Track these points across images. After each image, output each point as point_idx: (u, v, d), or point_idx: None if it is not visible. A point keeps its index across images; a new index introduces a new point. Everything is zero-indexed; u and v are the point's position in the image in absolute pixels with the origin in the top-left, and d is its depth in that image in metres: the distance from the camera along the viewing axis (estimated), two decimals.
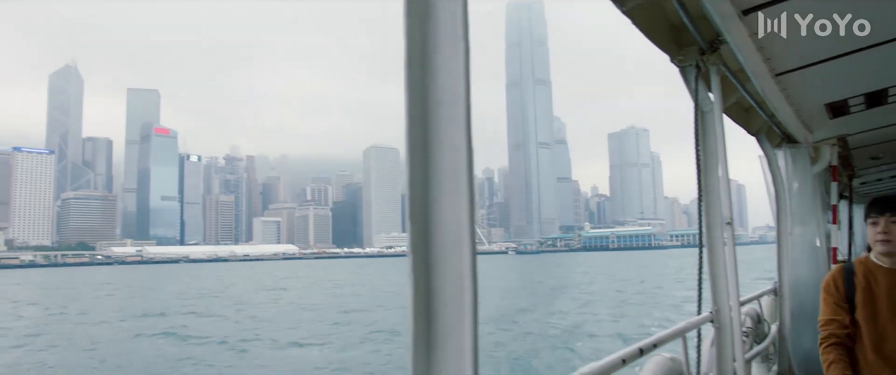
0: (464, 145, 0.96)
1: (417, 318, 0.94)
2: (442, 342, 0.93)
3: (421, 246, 0.95)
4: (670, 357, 2.32)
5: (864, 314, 2.50)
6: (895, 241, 2.43)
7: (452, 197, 0.96)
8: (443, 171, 0.97)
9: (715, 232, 2.67)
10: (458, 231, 0.95)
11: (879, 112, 4.29)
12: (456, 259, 0.94)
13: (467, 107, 0.97)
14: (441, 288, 0.94)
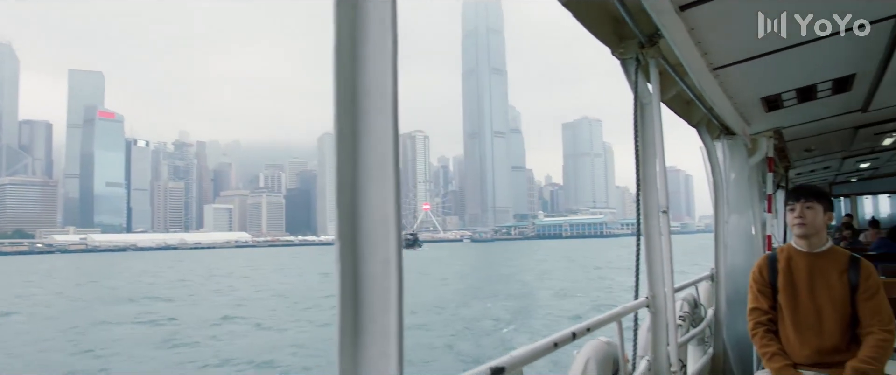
0: (390, 135, 0.98)
1: (344, 303, 0.96)
2: (368, 326, 0.96)
3: (348, 233, 0.97)
4: (606, 341, 2.40)
5: (786, 296, 2.68)
6: (809, 225, 2.62)
7: (379, 185, 0.98)
8: (370, 161, 0.98)
9: (652, 220, 2.76)
10: (384, 218, 0.97)
11: (810, 106, 4.49)
12: (382, 246, 0.96)
13: (394, 98, 0.99)
14: (367, 274, 0.97)
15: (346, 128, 0.98)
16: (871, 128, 6.35)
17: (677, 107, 3.66)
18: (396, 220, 0.97)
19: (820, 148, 7.89)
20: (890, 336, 2.49)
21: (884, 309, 2.53)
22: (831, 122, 5.58)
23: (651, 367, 2.72)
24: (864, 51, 3.45)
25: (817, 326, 2.59)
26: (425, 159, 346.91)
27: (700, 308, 4.01)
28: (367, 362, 0.95)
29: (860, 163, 11.02)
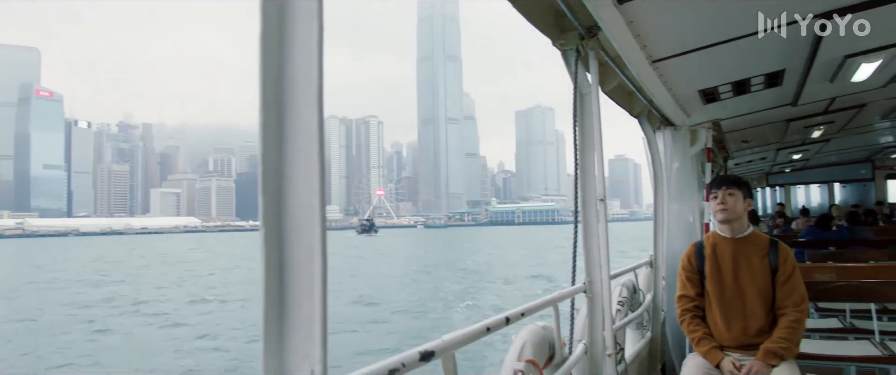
0: (316, 124, 0.98)
1: (269, 289, 0.97)
2: (293, 311, 0.97)
3: (273, 221, 0.98)
4: (543, 325, 2.45)
5: (712, 282, 2.81)
6: (730, 210, 2.77)
7: (304, 174, 0.98)
8: (296, 149, 0.99)
9: (589, 208, 2.82)
10: (309, 206, 0.97)
11: (745, 99, 4.67)
12: (307, 233, 0.97)
13: (320, 88, 0.99)
14: (292, 261, 0.97)
15: (271, 118, 0.98)
16: (801, 121, 6.65)
17: (619, 97, 3.75)
18: (321, 208, 0.98)
19: (756, 139, 8.22)
20: (802, 316, 2.65)
21: (798, 290, 2.68)
22: (765, 115, 5.82)
23: (587, 350, 2.79)
24: (792, 47, 3.61)
25: (742, 309, 2.72)
26: (379, 145, 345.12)
27: (639, 293, 4.13)
28: (292, 346, 0.96)
29: (793, 154, 11.53)
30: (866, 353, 3.33)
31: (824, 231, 7.39)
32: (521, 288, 27.13)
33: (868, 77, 4.40)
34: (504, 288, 27.59)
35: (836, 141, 10.16)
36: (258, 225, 0.99)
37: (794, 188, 19.01)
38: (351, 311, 21.40)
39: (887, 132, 9.97)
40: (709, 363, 2.67)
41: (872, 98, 5.84)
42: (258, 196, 1.00)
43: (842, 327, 4.13)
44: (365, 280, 32.63)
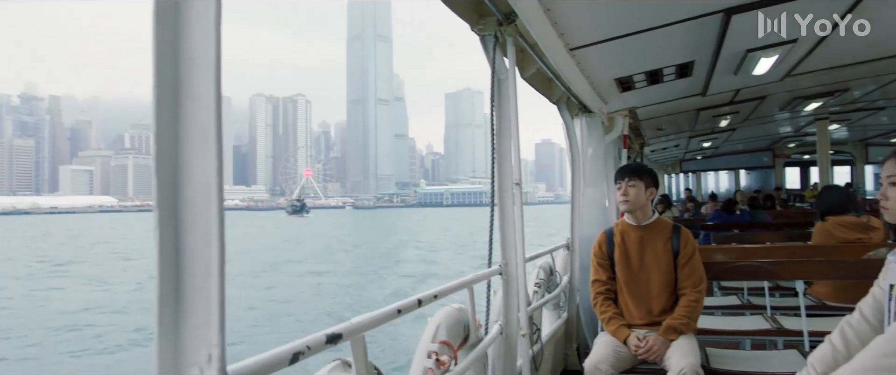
0: (213, 101, 0.95)
1: (164, 273, 0.93)
2: (190, 295, 0.94)
3: (169, 202, 0.94)
4: (458, 307, 2.49)
5: (621, 266, 2.97)
6: (632, 201, 2.92)
7: (201, 153, 0.95)
8: (192, 128, 0.95)
9: (506, 192, 2.87)
10: (206, 187, 0.95)
11: (659, 88, 4.88)
12: (204, 215, 0.94)
13: (217, 64, 0.96)
14: (189, 244, 0.95)
15: (166, 95, 0.94)
16: (710, 110, 7.03)
17: (538, 84, 3.81)
18: (219, 190, 0.95)
19: (670, 127, 8.62)
20: (700, 295, 2.85)
21: (696, 272, 2.88)
22: (677, 104, 6.11)
23: (503, 331, 2.86)
24: (700, 40, 3.80)
25: (647, 291, 2.90)
26: (307, 125, 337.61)
27: (555, 275, 4.26)
28: (188, 330, 0.94)
29: (703, 142, 12.18)
30: (759, 327, 3.58)
31: (729, 214, 7.86)
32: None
33: (767, 71, 4.69)
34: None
35: (742, 130, 10.80)
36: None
37: (704, 174, 20.12)
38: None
39: (785, 122, 10.70)
40: (617, 340, 2.81)
41: (772, 90, 6.23)
42: (152, 177, 0.96)
43: (740, 303, 4.41)
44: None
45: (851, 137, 14.07)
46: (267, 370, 1.15)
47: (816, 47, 4.44)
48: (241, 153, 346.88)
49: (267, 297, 21.31)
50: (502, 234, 2.86)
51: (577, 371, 2.78)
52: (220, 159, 0.95)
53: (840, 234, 4.11)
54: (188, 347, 0.94)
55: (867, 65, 5.48)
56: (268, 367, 1.15)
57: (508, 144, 2.84)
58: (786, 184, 18.15)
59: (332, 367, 1.75)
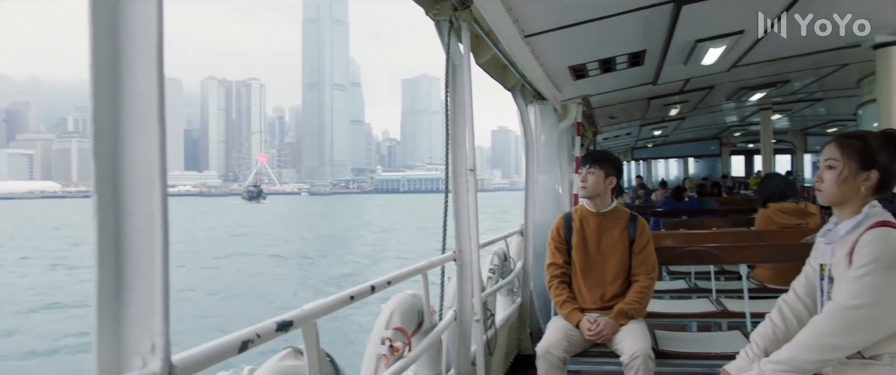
0: (155, 80, 0.91)
1: (103, 259, 0.90)
2: (132, 283, 0.91)
3: (108, 185, 0.90)
4: (411, 293, 2.49)
5: (578, 251, 3.01)
6: (590, 188, 2.97)
7: (143, 134, 0.91)
8: (132, 108, 0.91)
9: (460, 178, 2.87)
10: (148, 170, 0.91)
11: (611, 77, 4.96)
12: (146, 199, 0.91)
13: (159, 42, 0.92)
14: (130, 229, 0.91)
15: (104, 73, 0.90)
16: (660, 99, 7.20)
17: (493, 70, 3.81)
18: (161, 173, 0.92)
19: (622, 115, 8.79)
20: (651, 282, 2.93)
21: (649, 259, 2.96)
22: (630, 93, 6.23)
23: (457, 317, 2.88)
24: (652, 30, 3.87)
25: (602, 277, 2.96)
26: (261, 109, 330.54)
27: (509, 260, 4.29)
28: (130, 319, 0.91)
29: (654, 130, 12.49)
30: (705, 310, 3.71)
31: (678, 201, 8.09)
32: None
33: (715, 61, 4.82)
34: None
35: (691, 119, 11.11)
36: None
37: (655, 162, 20.66)
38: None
39: (732, 112, 11.06)
40: (570, 324, 2.86)
41: (719, 81, 6.42)
42: (90, 160, 0.92)
43: (687, 287, 4.55)
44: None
45: (792, 127, 14.66)
46: (215, 359, 1.12)
47: (761, 39, 4.59)
48: (193, 138, 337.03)
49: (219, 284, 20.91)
50: (456, 220, 2.87)
51: (530, 356, 2.82)
52: (162, 141, 0.92)
53: (780, 220, 4.27)
54: (130, 336, 0.91)
55: (807, 57, 5.70)
56: (215, 356, 1.12)
57: (463, 130, 2.84)
58: (732, 171, 18.84)
59: (284, 355, 1.72)
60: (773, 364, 1.81)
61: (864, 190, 1.82)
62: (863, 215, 1.80)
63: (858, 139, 1.84)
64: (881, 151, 1.81)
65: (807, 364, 1.77)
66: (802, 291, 2.02)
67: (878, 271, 1.68)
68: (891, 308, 1.70)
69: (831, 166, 1.85)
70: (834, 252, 1.85)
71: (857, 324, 1.70)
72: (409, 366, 2.24)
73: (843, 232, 1.82)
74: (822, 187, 1.88)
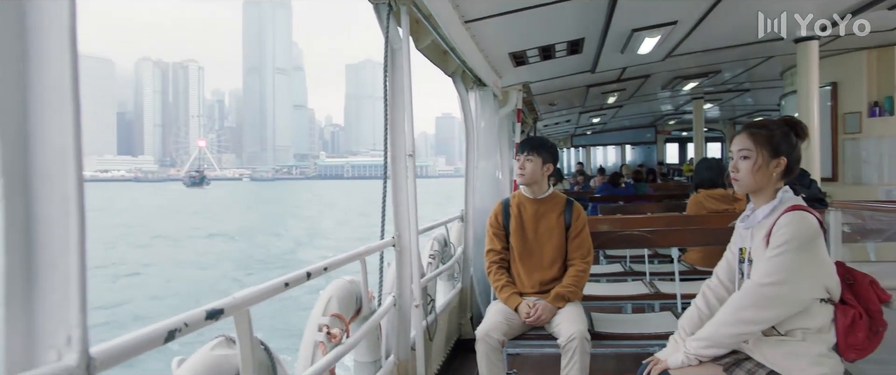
0: (68, 56, 0.86)
1: (11, 246, 0.84)
2: (45, 272, 0.86)
3: (16, 167, 0.85)
4: (350, 279, 2.47)
5: (516, 237, 3.05)
6: (528, 175, 3.01)
7: (55, 113, 0.86)
8: (42, 85, 0.86)
9: (399, 163, 2.85)
10: (61, 151, 0.86)
11: (551, 64, 5.02)
12: (60, 182, 0.86)
13: (72, 14, 0.86)
14: (42, 213, 0.87)
15: (9, 48, 0.84)
16: (599, 87, 7.36)
17: (433, 56, 3.79)
18: (76, 153, 0.86)
19: (562, 103, 8.93)
20: (587, 266, 3.00)
21: (585, 244, 3.02)
22: (569, 80, 6.33)
23: (396, 303, 2.87)
24: (590, 18, 3.93)
25: (540, 261, 3.01)
26: (199, 92, 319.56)
27: (450, 246, 4.31)
28: (43, 311, 0.86)
29: (593, 118, 12.75)
30: (638, 292, 3.84)
31: (615, 187, 8.31)
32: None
33: (650, 50, 4.95)
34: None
35: (628, 107, 11.42)
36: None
37: (594, 149, 21.17)
38: None
39: (666, 101, 11.42)
40: (509, 308, 2.90)
41: (655, 70, 6.60)
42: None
43: (622, 271, 4.69)
44: None
45: (722, 116, 15.27)
46: (138, 349, 1.07)
47: (694, 30, 4.74)
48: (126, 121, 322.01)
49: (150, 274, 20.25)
50: (395, 206, 2.85)
51: (471, 340, 2.84)
52: (77, 120, 0.87)
53: (710, 205, 4.44)
54: (43, 328, 0.87)
55: (736, 49, 5.94)
56: (139, 347, 1.07)
57: (402, 115, 2.82)
58: (666, 158, 19.52)
59: (215, 344, 1.67)
60: (696, 342, 1.91)
61: (776, 176, 1.94)
62: (777, 200, 1.91)
63: (766, 128, 1.97)
64: (785, 139, 1.94)
65: (726, 338, 1.87)
66: (724, 275, 2.13)
67: (791, 251, 1.79)
68: (802, 285, 1.81)
69: (746, 156, 1.96)
70: (753, 235, 1.96)
71: (771, 300, 1.81)
72: (347, 353, 2.22)
73: (761, 217, 1.93)
74: (739, 176, 1.98)
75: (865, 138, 6.50)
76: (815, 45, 5.27)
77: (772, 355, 1.86)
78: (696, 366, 1.92)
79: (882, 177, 6.42)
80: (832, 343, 1.86)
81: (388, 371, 2.73)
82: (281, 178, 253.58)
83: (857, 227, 2.75)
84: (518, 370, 3.75)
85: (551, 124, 12.84)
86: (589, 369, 2.64)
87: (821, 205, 3.63)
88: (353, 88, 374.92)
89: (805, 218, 1.82)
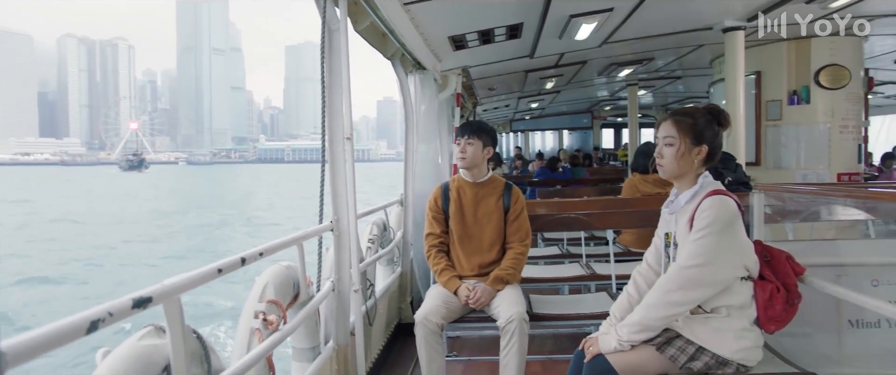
0: None
1: None
2: None
3: None
4: (286, 264, 2.42)
5: (455, 221, 3.07)
6: (469, 158, 3.04)
7: None
8: None
9: (337, 147, 2.80)
10: None
11: (490, 48, 5.04)
12: None
13: None
14: None
15: None
16: (537, 72, 7.45)
17: (372, 38, 3.74)
18: None
19: (501, 87, 9.01)
20: (525, 249, 3.05)
21: (523, 227, 3.07)
22: (508, 65, 6.38)
23: (335, 288, 2.84)
24: (529, 2, 3.96)
25: (480, 245, 3.04)
26: (130, 72, 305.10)
27: (389, 230, 4.30)
28: None
29: (532, 103, 12.94)
30: (575, 274, 3.93)
31: (553, 171, 8.48)
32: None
33: (587, 36, 5.04)
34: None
35: (565, 93, 11.63)
36: None
37: (532, 134, 21.52)
38: None
39: (603, 87, 11.70)
40: (448, 291, 2.92)
41: (592, 56, 6.74)
42: None
43: (560, 253, 4.80)
44: None
45: (656, 102, 15.79)
46: (56, 342, 0.99)
47: (629, 17, 4.85)
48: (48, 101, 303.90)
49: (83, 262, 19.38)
50: (333, 190, 2.80)
51: (411, 324, 2.84)
52: None
53: (644, 188, 4.58)
54: None
55: (669, 37, 6.13)
56: (57, 339, 1.00)
57: (340, 98, 2.76)
58: (602, 143, 20.06)
59: (144, 334, 1.61)
60: (627, 328, 1.99)
61: (697, 162, 2.04)
62: (699, 185, 2.01)
63: (690, 116, 2.05)
64: (708, 127, 2.03)
65: (655, 321, 1.95)
66: (653, 260, 2.23)
67: (712, 234, 1.88)
68: (724, 265, 1.92)
69: (670, 144, 2.04)
70: (677, 220, 2.05)
71: (695, 281, 1.90)
72: (284, 339, 2.18)
73: (684, 202, 2.02)
74: (664, 162, 2.07)
75: (785, 125, 6.86)
76: (741, 35, 5.49)
77: (700, 332, 1.95)
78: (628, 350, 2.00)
79: (799, 162, 6.82)
80: (754, 317, 1.98)
81: (326, 356, 2.70)
82: (219, 162, 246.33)
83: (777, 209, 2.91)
84: (458, 352, 3.80)
85: (491, 109, 12.95)
86: (527, 349, 2.70)
87: (745, 188, 3.81)
88: (293, 70, 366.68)
89: (725, 202, 1.92)
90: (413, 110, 4.61)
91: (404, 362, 3.73)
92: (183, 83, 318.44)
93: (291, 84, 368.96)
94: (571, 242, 5.07)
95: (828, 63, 6.58)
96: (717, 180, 2.05)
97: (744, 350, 1.93)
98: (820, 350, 2.46)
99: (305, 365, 2.60)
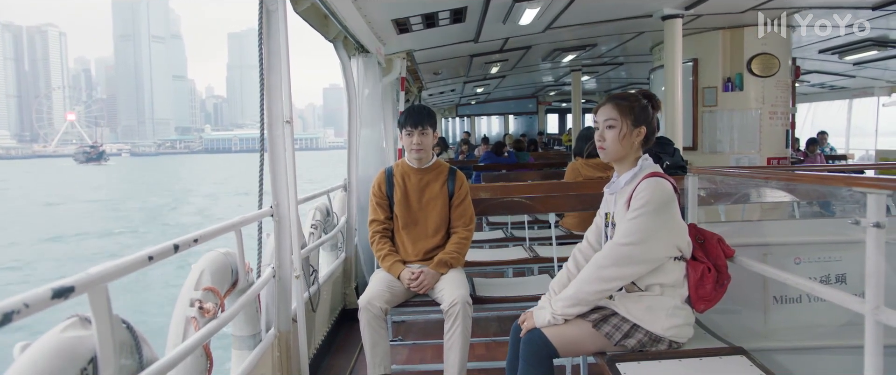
0: None
1: None
2: None
3: None
4: (224, 251, 2.35)
5: (400, 206, 3.05)
6: (425, 149, 3.02)
7: None
8: None
9: (276, 131, 2.73)
10: None
11: (435, 32, 5.01)
12: None
13: None
14: None
15: None
16: (482, 57, 7.48)
17: (313, 20, 3.66)
18: None
19: (447, 72, 9.01)
20: (469, 233, 3.06)
21: (467, 212, 3.08)
22: (453, 49, 6.37)
23: (275, 274, 2.78)
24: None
25: (425, 230, 3.04)
26: (62, 60, 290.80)
27: (332, 216, 4.24)
28: None
29: (477, 87, 13.00)
30: (519, 257, 3.97)
31: (498, 156, 8.54)
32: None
33: (531, 21, 5.08)
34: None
35: (511, 78, 11.73)
36: None
37: (478, 119, 21.66)
38: None
39: (548, 72, 11.86)
40: (392, 276, 2.91)
41: (536, 41, 6.80)
42: None
43: (504, 237, 4.84)
44: None
45: (599, 88, 16.12)
46: None
47: (572, 3, 4.91)
48: None
49: None
50: (273, 175, 2.73)
51: (356, 309, 2.81)
52: None
53: (586, 172, 4.66)
54: None
55: (611, 24, 6.24)
56: None
57: (278, 81, 2.70)
58: (547, 128, 20.37)
59: (67, 325, 1.52)
60: (561, 302, 2.04)
61: (637, 144, 2.10)
62: (638, 167, 2.07)
63: (628, 100, 2.11)
64: (644, 110, 2.09)
65: (589, 295, 2.00)
66: (593, 239, 2.29)
67: (647, 214, 1.94)
68: (657, 245, 1.98)
69: (611, 126, 2.09)
70: (616, 201, 2.10)
71: (628, 259, 1.96)
72: (222, 327, 2.12)
73: (623, 184, 2.08)
74: (606, 145, 2.12)
75: (720, 111, 7.13)
76: (679, 22, 5.64)
77: (634, 309, 2.01)
78: (564, 324, 2.04)
79: (733, 146, 7.11)
80: (685, 296, 2.05)
81: (267, 343, 2.65)
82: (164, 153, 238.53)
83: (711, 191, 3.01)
84: (403, 336, 3.80)
85: (436, 93, 12.94)
86: (471, 331, 2.72)
87: (682, 172, 3.93)
88: (237, 58, 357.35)
89: (661, 184, 1.97)
90: (356, 94, 4.55)
91: (349, 347, 3.70)
92: (121, 72, 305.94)
93: (235, 72, 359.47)
94: (515, 226, 5.12)
95: (759, 51, 6.86)
96: (656, 164, 2.10)
97: (675, 327, 2.00)
98: (747, 326, 2.57)
99: (245, 353, 2.54)
